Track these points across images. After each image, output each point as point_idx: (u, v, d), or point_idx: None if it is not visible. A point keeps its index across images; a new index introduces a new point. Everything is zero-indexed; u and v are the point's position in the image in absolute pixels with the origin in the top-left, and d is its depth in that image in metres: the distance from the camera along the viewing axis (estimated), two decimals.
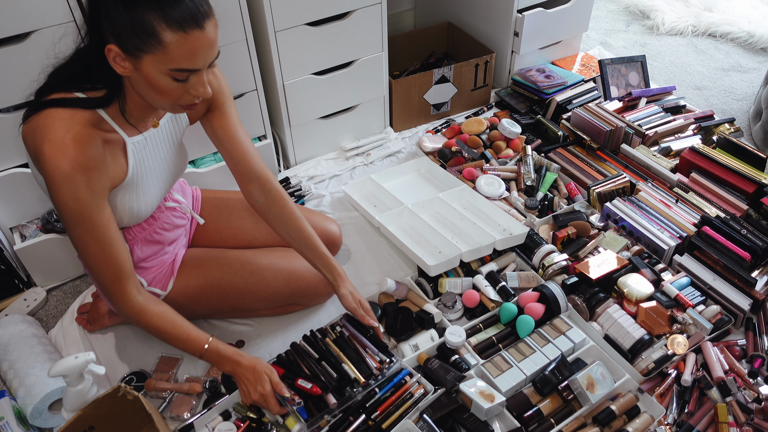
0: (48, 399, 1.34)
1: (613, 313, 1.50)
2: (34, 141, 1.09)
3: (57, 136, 1.07)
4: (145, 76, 1.05)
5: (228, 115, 1.36)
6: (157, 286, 1.43)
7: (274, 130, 2.05)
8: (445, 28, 2.50)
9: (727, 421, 1.32)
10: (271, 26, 1.74)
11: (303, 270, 1.54)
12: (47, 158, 1.07)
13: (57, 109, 1.09)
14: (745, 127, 2.30)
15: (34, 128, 1.09)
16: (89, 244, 1.16)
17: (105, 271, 1.20)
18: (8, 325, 1.50)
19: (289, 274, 1.53)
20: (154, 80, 1.06)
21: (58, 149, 1.07)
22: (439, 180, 1.98)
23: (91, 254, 1.18)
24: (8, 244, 1.65)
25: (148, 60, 1.03)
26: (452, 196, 1.86)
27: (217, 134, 1.37)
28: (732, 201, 1.75)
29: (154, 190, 1.32)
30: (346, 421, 1.32)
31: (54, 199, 1.12)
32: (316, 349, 1.42)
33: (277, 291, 1.53)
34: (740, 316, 1.53)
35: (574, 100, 2.23)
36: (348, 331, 1.46)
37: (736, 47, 2.80)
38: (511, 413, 1.34)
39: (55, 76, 1.14)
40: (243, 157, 1.38)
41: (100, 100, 1.13)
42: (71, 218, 1.13)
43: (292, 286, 1.54)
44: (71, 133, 1.08)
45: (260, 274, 1.50)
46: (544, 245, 1.67)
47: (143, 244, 1.39)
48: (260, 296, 1.52)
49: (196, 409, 1.42)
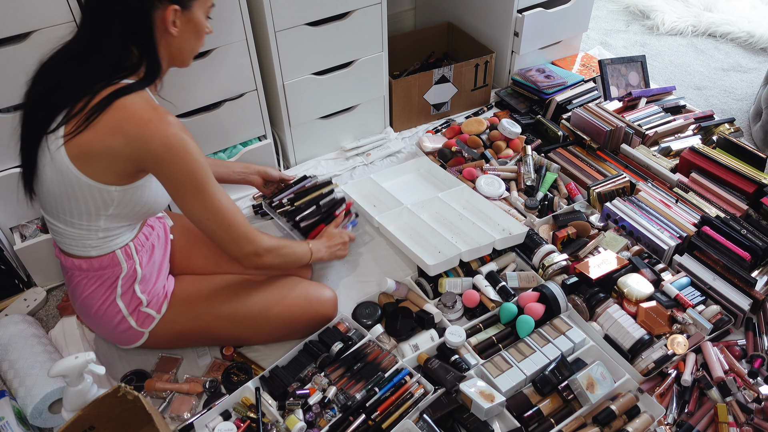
0: (48, 399, 1.34)
1: (613, 313, 1.50)
2: (129, 130, 1.11)
3: (151, 113, 1.13)
4: (195, 23, 1.21)
5: None
6: (154, 308, 1.39)
7: (274, 130, 2.05)
8: (445, 28, 2.50)
9: (727, 421, 1.33)
10: (271, 26, 1.74)
11: (299, 311, 1.48)
12: (160, 134, 1.12)
13: (125, 96, 1.13)
14: (745, 127, 2.30)
15: (119, 121, 1.11)
16: (222, 198, 1.24)
17: (241, 219, 1.28)
18: (8, 325, 1.50)
19: (284, 319, 1.47)
20: (201, 24, 1.22)
21: (162, 122, 1.13)
22: (439, 180, 1.98)
23: (227, 208, 1.25)
24: (8, 244, 1.65)
25: (197, 5, 1.20)
26: (452, 196, 1.86)
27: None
28: (732, 201, 1.75)
29: None
30: (346, 421, 1.32)
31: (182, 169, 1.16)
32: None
33: (270, 333, 1.49)
34: (740, 316, 1.53)
35: (574, 100, 2.23)
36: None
37: (736, 47, 2.80)
38: (511, 413, 1.34)
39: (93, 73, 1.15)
40: None
41: (146, 78, 1.19)
42: (205, 177, 1.20)
43: (286, 329, 1.50)
44: (158, 108, 1.15)
45: (252, 320, 1.45)
46: (544, 245, 1.67)
47: (146, 256, 1.37)
48: (252, 339, 1.51)
49: (196, 409, 1.42)
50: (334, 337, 1.49)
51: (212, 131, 1.83)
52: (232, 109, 1.82)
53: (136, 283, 1.34)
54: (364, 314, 1.58)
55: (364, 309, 1.59)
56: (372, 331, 1.52)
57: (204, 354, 1.54)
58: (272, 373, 1.43)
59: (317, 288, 1.53)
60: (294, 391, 1.38)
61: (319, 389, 1.39)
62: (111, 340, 1.45)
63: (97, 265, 1.30)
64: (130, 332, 1.39)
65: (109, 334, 1.42)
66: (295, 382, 1.41)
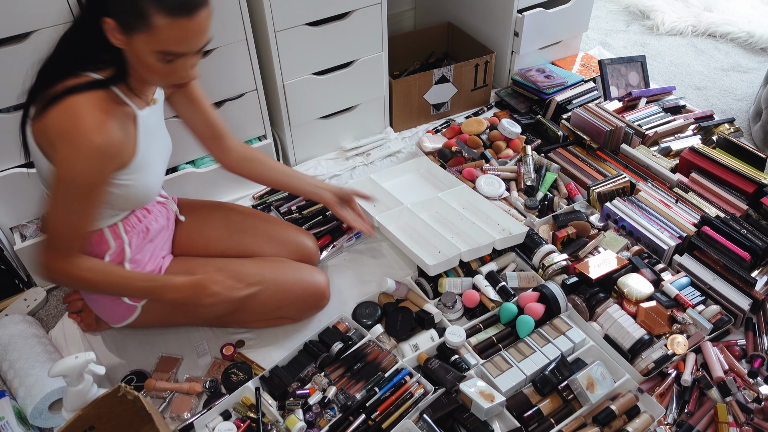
0: (48, 399, 1.34)
1: (613, 313, 1.50)
2: (61, 125, 1.10)
3: (89, 116, 1.11)
4: (135, 53, 1.10)
5: (196, 84, 1.43)
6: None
7: (274, 130, 2.05)
8: (445, 28, 2.50)
9: (727, 421, 1.33)
10: (271, 26, 1.74)
11: (292, 282, 1.51)
12: (81, 133, 1.10)
13: (77, 95, 1.11)
14: (745, 127, 2.30)
15: (59, 116, 1.10)
16: (71, 213, 1.18)
17: (65, 236, 1.20)
18: (8, 325, 1.50)
19: (276, 286, 1.48)
20: (143, 58, 1.10)
21: (93, 128, 1.11)
22: (439, 180, 1.98)
23: (62, 221, 1.18)
24: (8, 244, 1.65)
25: (139, 39, 1.08)
26: (452, 195, 1.86)
27: (194, 104, 1.43)
28: (732, 201, 1.75)
29: (159, 168, 1.36)
30: (346, 421, 1.32)
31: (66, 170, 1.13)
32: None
33: (263, 302, 1.49)
34: (740, 316, 1.53)
35: (574, 100, 2.23)
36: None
37: (736, 47, 2.80)
38: (511, 413, 1.34)
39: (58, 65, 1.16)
40: (215, 119, 1.48)
41: (113, 76, 1.17)
42: (73, 190, 1.15)
43: (278, 298, 1.50)
44: (101, 114, 1.13)
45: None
46: (544, 245, 1.67)
47: (138, 238, 1.38)
48: (246, 307, 1.48)
49: (196, 409, 1.42)
50: (334, 337, 1.49)
51: None
52: (232, 109, 1.83)
53: (126, 261, 1.36)
54: (364, 314, 1.58)
55: (364, 309, 1.59)
56: (372, 331, 1.52)
57: (204, 354, 1.54)
58: (272, 373, 1.43)
59: (310, 269, 1.57)
60: (294, 391, 1.38)
61: (319, 389, 1.39)
62: (105, 318, 1.47)
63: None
64: (122, 307, 1.41)
65: (101, 310, 1.44)
66: (295, 382, 1.41)
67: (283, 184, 1.59)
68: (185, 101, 1.43)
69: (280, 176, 1.58)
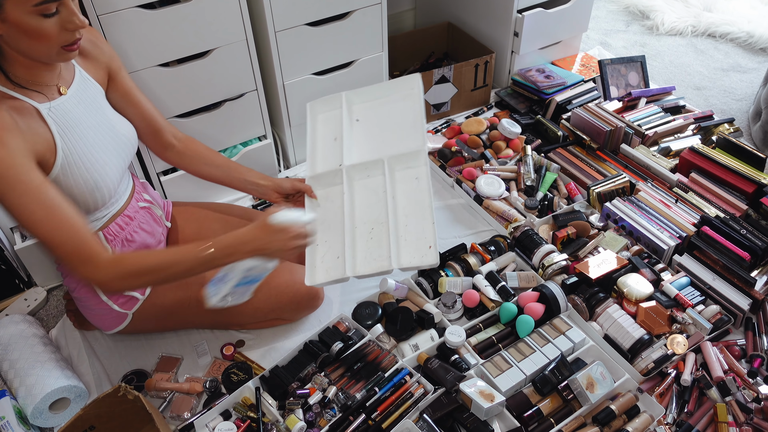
0: (48, 399, 1.34)
1: (612, 313, 1.50)
2: None
3: None
4: (15, 24, 1.01)
5: (128, 78, 1.39)
6: (138, 290, 1.40)
7: (274, 130, 2.05)
8: (445, 28, 2.50)
9: (727, 421, 1.33)
10: (271, 26, 1.74)
11: (285, 285, 1.50)
12: None
13: None
14: (745, 127, 2.30)
15: None
16: (33, 209, 1.06)
17: (62, 236, 1.09)
18: (9, 324, 1.50)
19: (270, 290, 1.47)
20: (26, 25, 1.01)
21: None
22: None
23: (40, 221, 1.07)
24: (8, 244, 1.65)
25: (10, 5, 0.99)
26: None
27: (126, 98, 1.38)
28: (732, 201, 1.75)
29: (107, 159, 1.26)
30: (346, 421, 1.32)
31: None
32: None
33: (257, 307, 1.49)
34: (740, 316, 1.53)
35: (573, 100, 2.23)
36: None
37: (736, 47, 2.80)
38: (511, 413, 1.34)
39: None
40: (151, 113, 1.43)
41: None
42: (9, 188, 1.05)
43: (272, 302, 1.50)
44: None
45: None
46: (544, 245, 1.67)
47: (122, 245, 1.36)
48: (240, 310, 1.47)
49: (196, 409, 1.42)
50: (334, 337, 1.49)
51: (212, 131, 1.83)
52: (232, 109, 1.83)
53: None
54: (364, 314, 1.58)
55: (364, 309, 1.59)
56: (372, 331, 1.52)
57: (204, 354, 1.54)
58: (272, 373, 1.43)
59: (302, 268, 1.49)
60: (294, 390, 1.38)
61: (319, 389, 1.39)
62: (96, 324, 1.46)
63: None
64: (111, 315, 1.40)
65: (93, 318, 1.44)
66: (295, 382, 1.41)
67: (222, 181, 1.52)
68: (117, 96, 1.36)
69: (217, 172, 1.50)
